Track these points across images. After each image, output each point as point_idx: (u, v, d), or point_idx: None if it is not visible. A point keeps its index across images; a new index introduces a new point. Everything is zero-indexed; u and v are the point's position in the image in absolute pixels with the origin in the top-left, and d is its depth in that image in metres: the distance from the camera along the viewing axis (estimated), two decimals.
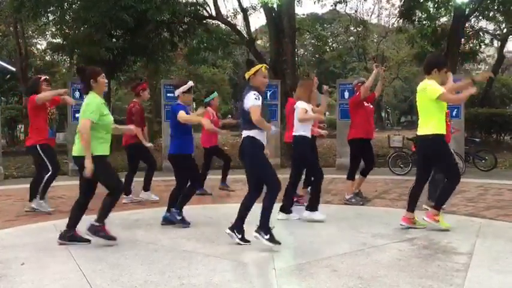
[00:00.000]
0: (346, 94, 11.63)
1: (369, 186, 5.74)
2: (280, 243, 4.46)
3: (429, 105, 5.07)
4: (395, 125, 45.21)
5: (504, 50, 24.28)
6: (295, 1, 17.40)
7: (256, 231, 4.52)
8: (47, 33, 24.88)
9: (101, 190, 4.76)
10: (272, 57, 16.86)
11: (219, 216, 6.00)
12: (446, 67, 5.23)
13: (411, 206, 5.33)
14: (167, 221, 5.57)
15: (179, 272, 3.86)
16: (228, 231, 4.71)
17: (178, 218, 5.51)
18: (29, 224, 5.79)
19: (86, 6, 13.40)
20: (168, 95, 11.56)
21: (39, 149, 6.21)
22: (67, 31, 15.81)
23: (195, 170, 5.75)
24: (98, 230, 4.65)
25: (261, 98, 4.59)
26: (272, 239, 4.47)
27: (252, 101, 4.55)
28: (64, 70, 24.58)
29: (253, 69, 4.71)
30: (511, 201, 6.51)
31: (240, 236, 4.66)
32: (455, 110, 11.01)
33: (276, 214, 5.65)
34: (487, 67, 32.20)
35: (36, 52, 28.14)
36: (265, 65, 4.80)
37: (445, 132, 5.13)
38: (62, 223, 5.20)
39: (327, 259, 4.18)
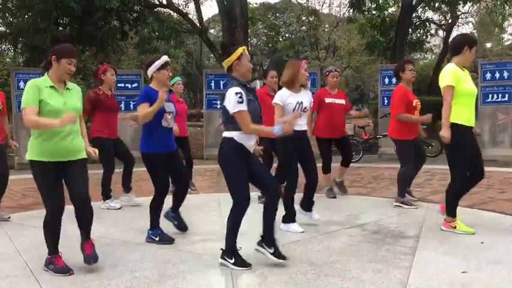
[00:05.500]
0: None
1: (322, 174, 5.87)
2: (250, 266, 3.73)
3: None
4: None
5: (449, 40, 25.13)
6: None
7: (221, 256, 3.81)
8: None
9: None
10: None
11: None
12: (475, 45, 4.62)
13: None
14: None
15: (131, 265, 3.80)
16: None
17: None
18: None
19: None
20: (20, 84, 10.61)
21: None
22: (10, 19, 15.17)
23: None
24: (48, 261, 3.77)
25: (244, 95, 3.66)
26: (239, 263, 3.75)
27: (234, 105, 3.62)
28: (8, 60, 23.56)
29: (235, 54, 3.78)
30: None
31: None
32: None
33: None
34: (433, 56, 33.26)
35: None
36: (244, 46, 3.92)
37: (460, 122, 4.50)
38: None
39: (281, 247, 4.21)
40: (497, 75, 10.58)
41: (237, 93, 3.63)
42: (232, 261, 3.72)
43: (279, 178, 6.38)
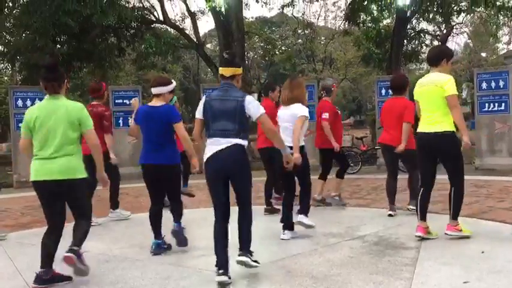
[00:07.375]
0: None
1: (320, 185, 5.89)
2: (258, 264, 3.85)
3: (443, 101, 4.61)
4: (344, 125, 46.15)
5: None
6: (243, 5, 17.52)
7: (247, 255, 3.82)
8: None
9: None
10: (222, 61, 16.88)
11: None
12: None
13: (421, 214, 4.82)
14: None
15: (132, 282, 3.79)
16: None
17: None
18: None
19: (28, 12, 12.98)
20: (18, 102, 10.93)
21: None
22: (8, 37, 15.27)
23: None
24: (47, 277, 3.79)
25: None
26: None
27: (259, 107, 3.80)
28: (6, 78, 23.66)
29: (241, 69, 4.05)
30: None
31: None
32: None
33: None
34: (429, 67, 33.45)
35: None
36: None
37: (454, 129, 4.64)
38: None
39: (281, 260, 4.22)
40: (493, 84, 10.65)
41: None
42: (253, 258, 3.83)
43: (277, 190, 6.42)
